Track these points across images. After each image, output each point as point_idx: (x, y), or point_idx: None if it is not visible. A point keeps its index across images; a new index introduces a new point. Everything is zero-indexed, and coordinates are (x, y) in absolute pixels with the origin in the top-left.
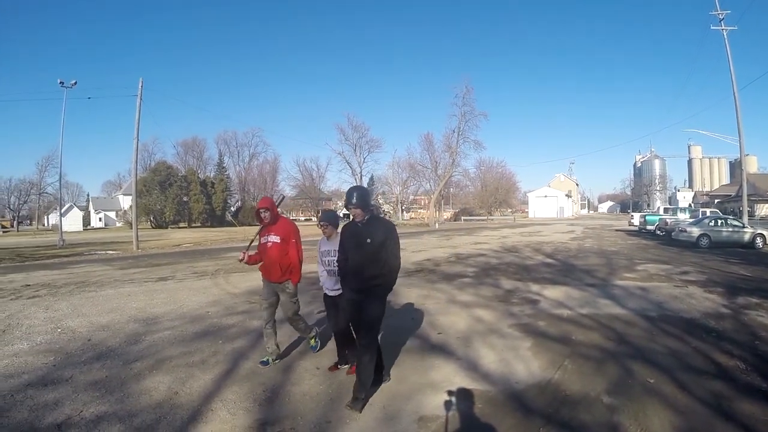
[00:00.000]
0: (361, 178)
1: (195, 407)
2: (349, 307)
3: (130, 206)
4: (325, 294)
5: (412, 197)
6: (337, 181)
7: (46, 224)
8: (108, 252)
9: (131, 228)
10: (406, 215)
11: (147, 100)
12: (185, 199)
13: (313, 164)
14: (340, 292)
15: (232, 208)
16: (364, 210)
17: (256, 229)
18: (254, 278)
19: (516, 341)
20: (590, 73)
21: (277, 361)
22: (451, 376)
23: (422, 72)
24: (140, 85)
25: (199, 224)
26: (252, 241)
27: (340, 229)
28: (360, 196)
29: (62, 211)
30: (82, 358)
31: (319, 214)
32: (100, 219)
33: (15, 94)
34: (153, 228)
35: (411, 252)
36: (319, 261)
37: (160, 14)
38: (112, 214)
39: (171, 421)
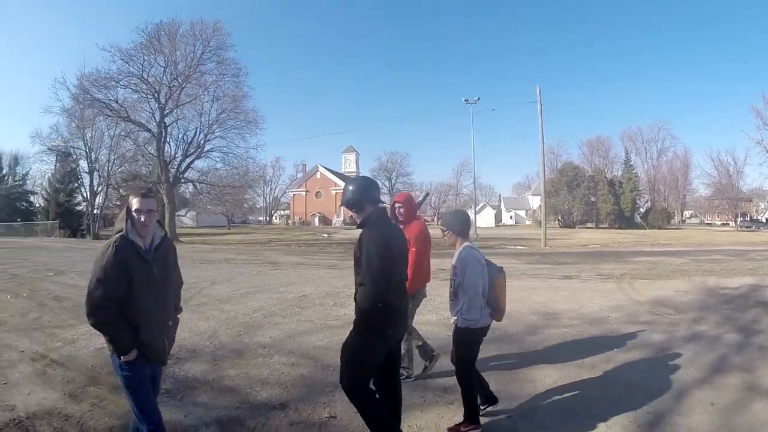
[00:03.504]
0: None
1: (573, 408)
2: None
3: (539, 206)
4: None
5: None
6: (758, 178)
7: None
8: (517, 247)
9: (540, 226)
10: None
11: (547, 105)
12: (593, 199)
13: (729, 157)
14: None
15: (641, 209)
16: (353, 210)
17: (666, 233)
18: (662, 287)
19: None
20: None
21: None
22: None
23: None
24: (538, 92)
25: (607, 225)
26: None
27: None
28: (348, 190)
29: (476, 209)
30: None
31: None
32: (510, 217)
33: (433, 113)
34: (560, 227)
35: None
36: None
37: (555, 22)
38: (521, 213)
39: (545, 412)
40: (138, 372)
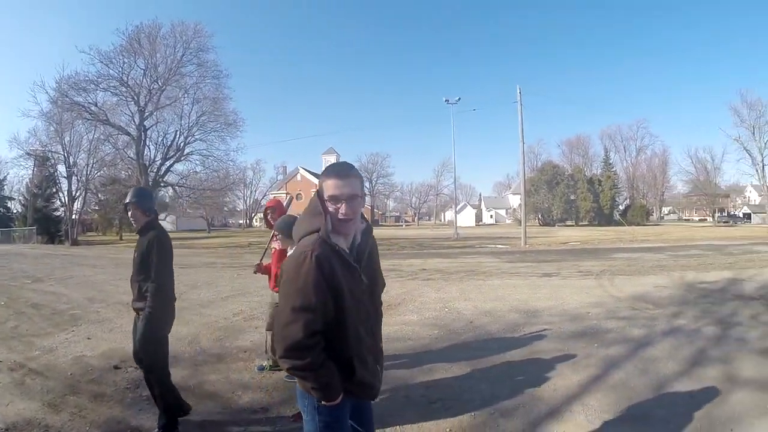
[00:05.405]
0: (762, 168)
1: (555, 404)
2: None
3: (519, 204)
4: None
5: None
6: (735, 174)
7: (442, 220)
8: (497, 246)
9: (520, 225)
10: None
11: (528, 104)
12: (572, 197)
13: (707, 154)
14: None
15: (621, 207)
16: (133, 217)
17: (645, 229)
18: (641, 283)
19: None
20: None
21: (269, 370)
22: None
23: None
24: (518, 92)
25: (586, 223)
26: (266, 248)
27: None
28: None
29: (457, 208)
30: (462, 337)
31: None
32: (491, 216)
33: (413, 113)
34: (540, 225)
35: None
36: None
37: (535, 23)
38: (502, 212)
39: (528, 410)
40: (339, 413)
